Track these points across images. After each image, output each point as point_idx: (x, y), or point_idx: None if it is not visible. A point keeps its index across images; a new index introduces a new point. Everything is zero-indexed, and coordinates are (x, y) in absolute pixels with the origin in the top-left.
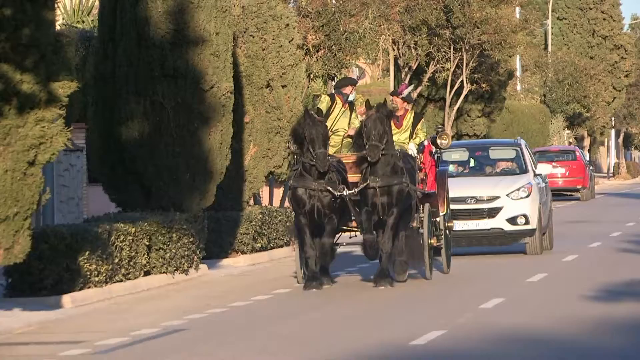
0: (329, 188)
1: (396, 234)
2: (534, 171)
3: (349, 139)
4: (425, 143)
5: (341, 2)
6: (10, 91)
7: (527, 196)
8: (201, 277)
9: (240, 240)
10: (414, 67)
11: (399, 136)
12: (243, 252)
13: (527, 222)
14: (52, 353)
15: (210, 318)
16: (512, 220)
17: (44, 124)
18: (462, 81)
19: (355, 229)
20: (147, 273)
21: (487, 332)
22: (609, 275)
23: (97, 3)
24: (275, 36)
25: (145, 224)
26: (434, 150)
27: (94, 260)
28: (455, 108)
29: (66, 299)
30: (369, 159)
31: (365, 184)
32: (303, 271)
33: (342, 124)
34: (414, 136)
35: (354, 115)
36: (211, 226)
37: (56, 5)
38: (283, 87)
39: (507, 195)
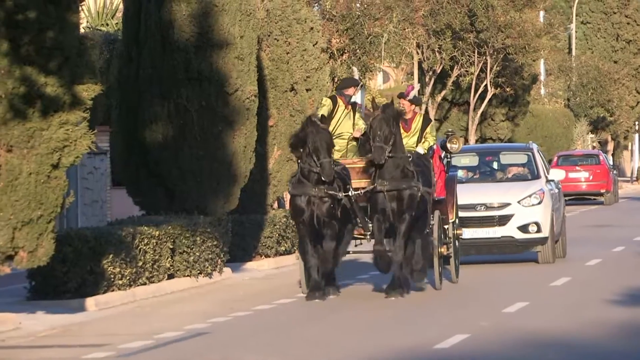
0: (330, 192)
1: (409, 241)
2: (546, 177)
3: (354, 143)
4: (435, 147)
5: (365, 5)
6: (34, 94)
7: (539, 203)
8: (225, 281)
9: (264, 244)
10: (438, 71)
11: (407, 140)
12: (267, 256)
13: (539, 230)
14: (76, 356)
15: (234, 321)
16: (524, 228)
17: (68, 127)
18: (486, 85)
19: (362, 237)
20: (171, 276)
21: (511, 336)
22: (633, 279)
23: (121, 6)
24: (300, 40)
25: (169, 227)
26: (443, 155)
27: (117, 263)
28: (479, 112)
29: (90, 302)
30: (374, 161)
31: (372, 187)
32: (306, 281)
33: (345, 127)
34: (423, 140)
35: (357, 116)
36: (235, 229)
37: (80, 8)
38: (307, 90)
39: (519, 202)
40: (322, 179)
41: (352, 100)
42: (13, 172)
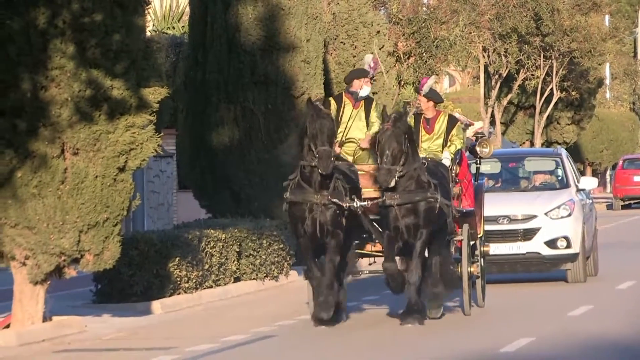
0: (334, 200)
1: (427, 260)
2: (576, 186)
3: (361, 152)
4: (462, 152)
5: (432, 9)
6: (100, 97)
7: (569, 215)
8: (291, 284)
9: None
10: (504, 75)
11: (430, 143)
12: None
13: (568, 246)
14: (142, 359)
15: (299, 324)
16: (552, 243)
17: (134, 130)
18: (551, 89)
19: (378, 254)
20: (237, 279)
21: (575, 340)
22: None
23: (187, 9)
24: (366, 43)
25: (236, 230)
26: (468, 158)
27: (184, 266)
28: (545, 116)
29: (156, 305)
30: (380, 184)
31: (381, 200)
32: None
33: (357, 130)
34: (449, 144)
35: (374, 115)
36: None
37: (146, 12)
38: (374, 94)
39: (546, 214)
40: (319, 171)
41: (361, 95)
42: (79, 175)
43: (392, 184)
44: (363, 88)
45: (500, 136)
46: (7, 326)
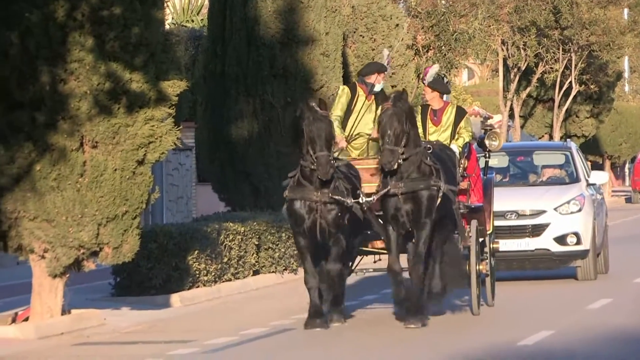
0: (336, 197)
1: (430, 254)
2: (586, 180)
3: (374, 143)
4: (471, 145)
5: (451, 2)
6: (119, 90)
7: (579, 210)
8: None
9: None
10: (523, 68)
11: (438, 136)
12: None
13: (578, 242)
14: (161, 352)
15: None
16: (561, 240)
17: (153, 123)
18: (570, 82)
19: (383, 251)
20: (256, 272)
21: (594, 333)
22: None
23: (206, 2)
24: (385, 36)
25: (255, 223)
26: (479, 155)
27: (203, 259)
28: (564, 109)
29: (175, 298)
30: (383, 167)
31: (385, 190)
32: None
33: (366, 122)
34: (457, 136)
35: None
36: None
37: (165, 4)
38: (393, 87)
39: (555, 209)
40: (318, 176)
41: (376, 89)
42: (98, 168)
43: (396, 166)
44: (381, 83)
45: (519, 129)
46: (26, 319)
